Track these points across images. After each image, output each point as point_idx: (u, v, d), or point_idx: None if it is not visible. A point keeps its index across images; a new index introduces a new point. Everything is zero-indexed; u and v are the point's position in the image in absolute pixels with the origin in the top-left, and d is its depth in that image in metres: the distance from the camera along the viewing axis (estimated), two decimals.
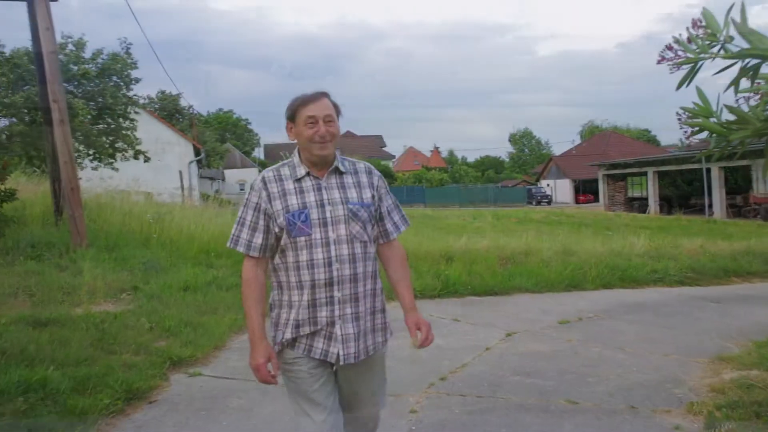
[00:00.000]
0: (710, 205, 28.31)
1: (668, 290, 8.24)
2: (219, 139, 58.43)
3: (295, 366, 2.01)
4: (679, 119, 1.75)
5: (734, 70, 1.45)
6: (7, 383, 3.10)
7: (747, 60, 1.39)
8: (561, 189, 51.46)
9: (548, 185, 53.21)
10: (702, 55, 1.46)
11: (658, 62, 1.54)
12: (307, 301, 1.95)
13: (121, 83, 16.65)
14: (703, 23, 1.47)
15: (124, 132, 17.20)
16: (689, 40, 1.49)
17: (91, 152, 16.79)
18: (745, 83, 1.51)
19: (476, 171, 76.90)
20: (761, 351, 4.52)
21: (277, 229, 1.99)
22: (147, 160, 18.45)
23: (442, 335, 5.17)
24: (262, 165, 64.12)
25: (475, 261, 8.23)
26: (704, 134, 1.71)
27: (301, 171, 2.02)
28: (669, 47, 1.54)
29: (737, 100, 1.60)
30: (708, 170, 27.66)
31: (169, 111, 45.50)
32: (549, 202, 47.47)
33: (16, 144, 14.36)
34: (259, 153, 73.46)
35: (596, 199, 41.73)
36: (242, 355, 4.17)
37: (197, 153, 31.17)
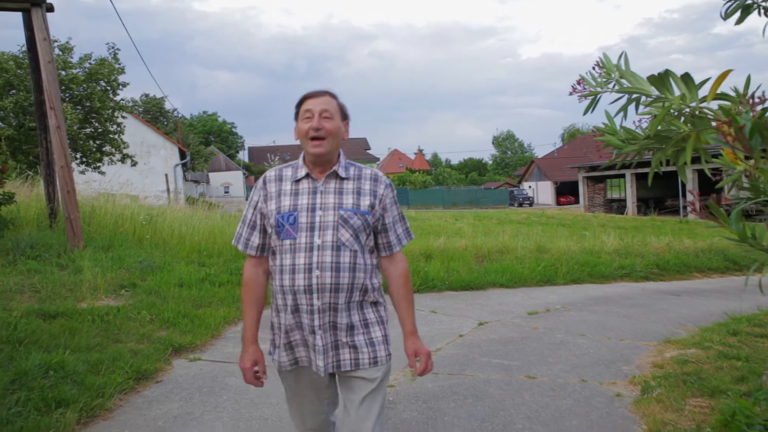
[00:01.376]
0: (685, 207, 29.26)
1: (634, 285, 8.82)
2: (203, 141, 58.45)
3: (286, 378, 2.05)
4: (594, 135, 2.24)
5: (624, 101, 1.93)
6: (30, 365, 3.49)
7: (631, 94, 1.88)
8: (543, 191, 52.41)
9: (530, 187, 54.13)
10: (600, 90, 1.94)
11: (570, 93, 2.02)
12: (291, 306, 1.91)
13: (109, 88, 16.87)
14: (603, 65, 1.96)
15: (111, 136, 17.41)
16: (593, 77, 1.97)
17: (78, 156, 16.98)
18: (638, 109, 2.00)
19: (460, 173, 77.83)
20: (704, 334, 5.06)
21: (269, 230, 1.96)
22: (134, 164, 18.67)
23: (419, 325, 5.59)
24: (246, 168, 64.24)
25: (453, 258, 8.73)
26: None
27: (301, 172, 1.97)
28: (578, 82, 2.02)
29: (634, 122, 2.09)
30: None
31: (153, 114, 45.52)
32: (531, 204, 48.32)
33: (3, 147, 14.51)
34: (243, 156, 73.53)
35: (577, 201, 42.67)
36: (237, 344, 4.59)
37: (182, 156, 31.34)
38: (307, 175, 1.96)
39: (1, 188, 7.34)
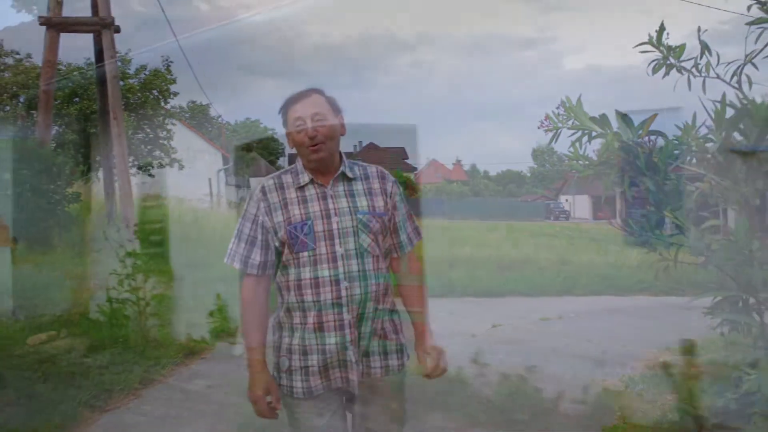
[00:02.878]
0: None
1: (653, 298, 9.01)
2: (245, 147, 60.49)
3: (298, 408, 1.83)
4: (565, 162, 2.75)
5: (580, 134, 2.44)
6: (102, 337, 4.21)
7: (583, 130, 2.39)
8: (580, 204, 51.79)
9: (567, 200, 53.57)
10: (560, 126, 2.45)
11: (538, 127, 2.54)
12: (313, 324, 1.75)
13: (161, 97, 18.09)
14: (564, 106, 2.47)
15: (161, 142, 18.63)
16: (556, 115, 2.49)
17: (131, 160, 18.21)
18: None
19: (497, 185, 77.44)
20: (705, 342, 5.37)
21: (277, 243, 1.79)
22: (181, 168, 19.84)
23: (436, 326, 6.15)
24: None
25: (476, 267, 9.19)
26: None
27: (305, 178, 1.80)
28: (545, 118, 2.53)
29: (594, 151, 2.59)
30: None
31: (199, 120, 47.54)
32: (567, 218, 47.82)
33: (67, 151, 15.79)
34: (283, 162, 75.46)
35: (615, 215, 42.10)
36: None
37: (225, 161, 32.77)
38: (312, 181, 1.81)
39: (71, 189, 8.28)
